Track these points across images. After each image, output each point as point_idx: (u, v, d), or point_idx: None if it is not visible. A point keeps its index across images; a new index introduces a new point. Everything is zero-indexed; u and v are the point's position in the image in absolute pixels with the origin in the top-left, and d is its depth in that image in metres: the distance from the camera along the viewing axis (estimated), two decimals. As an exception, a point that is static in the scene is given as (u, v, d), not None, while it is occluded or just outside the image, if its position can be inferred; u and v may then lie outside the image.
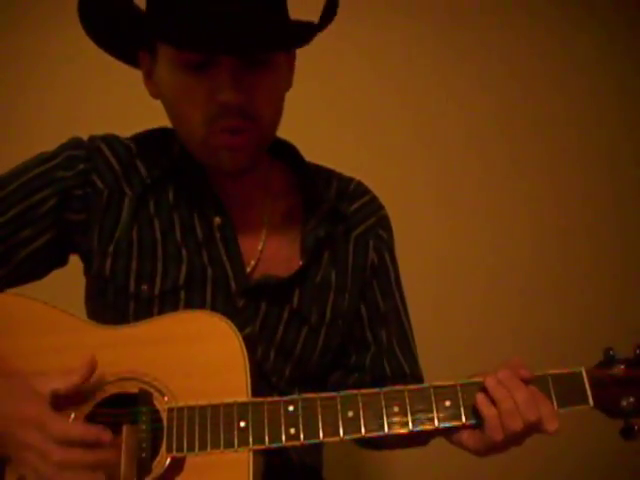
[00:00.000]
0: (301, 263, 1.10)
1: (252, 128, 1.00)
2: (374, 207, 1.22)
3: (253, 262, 1.10)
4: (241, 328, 0.97)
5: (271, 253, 1.12)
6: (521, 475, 1.73)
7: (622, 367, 0.92)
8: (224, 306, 1.05)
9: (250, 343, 0.97)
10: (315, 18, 1.00)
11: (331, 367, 1.17)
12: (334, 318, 1.13)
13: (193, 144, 1.04)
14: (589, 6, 2.05)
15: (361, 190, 1.22)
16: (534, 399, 0.89)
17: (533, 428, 0.88)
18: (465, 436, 0.92)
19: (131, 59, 1.11)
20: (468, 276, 1.94)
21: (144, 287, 1.05)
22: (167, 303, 1.05)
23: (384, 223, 1.22)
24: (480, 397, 0.90)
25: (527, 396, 0.88)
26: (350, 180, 1.23)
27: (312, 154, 1.19)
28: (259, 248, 1.11)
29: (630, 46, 2.06)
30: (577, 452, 1.69)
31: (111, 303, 1.07)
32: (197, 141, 1.02)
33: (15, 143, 1.70)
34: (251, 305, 1.08)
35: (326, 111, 1.87)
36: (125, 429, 0.94)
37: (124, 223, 1.07)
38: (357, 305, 1.17)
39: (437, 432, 0.94)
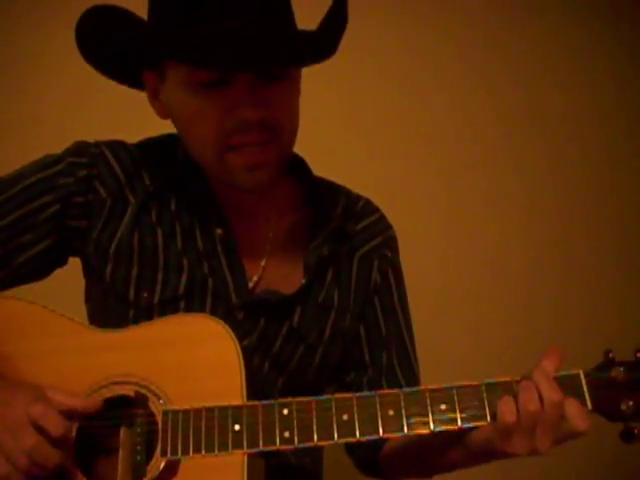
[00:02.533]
0: (303, 281, 1.09)
1: (272, 141, 0.99)
2: (381, 227, 1.19)
3: (256, 278, 1.09)
4: (240, 340, 0.96)
5: (274, 269, 1.10)
6: (521, 476, 1.72)
7: (622, 370, 0.90)
8: (224, 317, 1.03)
9: (247, 354, 0.97)
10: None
11: (327, 383, 1.16)
12: (333, 338, 1.12)
13: (208, 163, 1.03)
14: (590, 5, 2.04)
15: (369, 209, 1.20)
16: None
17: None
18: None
19: (133, 80, 1.09)
20: (469, 278, 1.93)
21: (144, 295, 1.05)
22: (167, 312, 1.05)
23: (391, 243, 1.20)
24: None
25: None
26: (358, 198, 1.21)
27: (312, 156, 1.19)
28: (262, 264, 1.10)
29: (630, 45, 2.05)
30: (577, 454, 1.68)
31: (110, 309, 1.07)
32: (212, 160, 1.01)
33: (15, 143, 1.72)
34: (250, 318, 1.07)
35: (328, 116, 1.87)
36: (122, 431, 0.94)
37: (126, 230, 1.06)
38: (357, 325, 1.15)
39: (437, 443, 0.93)
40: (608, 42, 2.05)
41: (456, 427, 0.89)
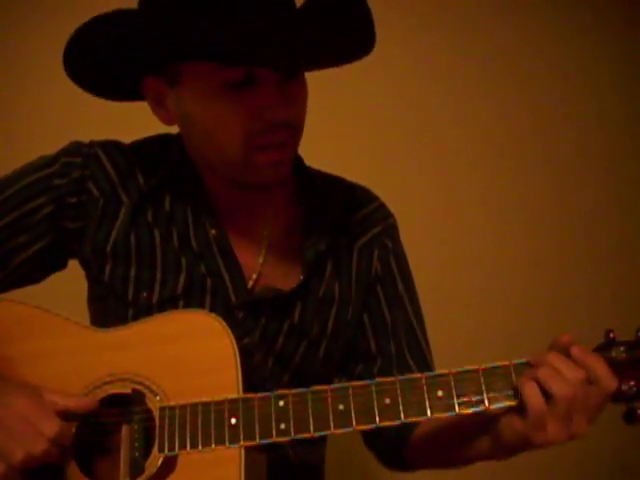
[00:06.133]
0: (302, 277, 1.08)
1: (293, 138, 1.00)
2: (380, 215, 1.17)
3: (255, 276, 1.08)
4: (240, 339, 0.96)
5: (272, 266, 1.09)
6: (521, 471, 1.70)
7: (622, 350, 0.88)
8: (223, 317, 1.01)
9: (246, 352, 0.96)
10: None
11: (333, 377, 1.15)
12: (336, 331, 1.11)
13: (230, 165, 1.00)
14: (589, 5, 2.03)
15: (367, 198, 1.18)
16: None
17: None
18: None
19: (127, 94, 1.07)
20: (469, 268, 1.93)
21: (143, 295, 1.05)
22: (165, 311, 1.04)
23: (391, 232, 1.18)
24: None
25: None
26: (356, 187, 1.19)
27: (313, 155, 1.17)
28: (259, 262, 1.09)
29: (630, 44, 2.05)
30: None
31: (110, 309, 1.08)
32: (236, 162, 0.99)
33: (15, 143, 1.73)
34: (250, 317, 1.07)
35: (327, 113, 1.86)
36: (124, 429, 0.95)
37: (122, 230, 1.06)
38: (360, 315, 1.14)
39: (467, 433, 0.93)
40: (608, 42, 2.04)
41: (453, 413, 0.87)
